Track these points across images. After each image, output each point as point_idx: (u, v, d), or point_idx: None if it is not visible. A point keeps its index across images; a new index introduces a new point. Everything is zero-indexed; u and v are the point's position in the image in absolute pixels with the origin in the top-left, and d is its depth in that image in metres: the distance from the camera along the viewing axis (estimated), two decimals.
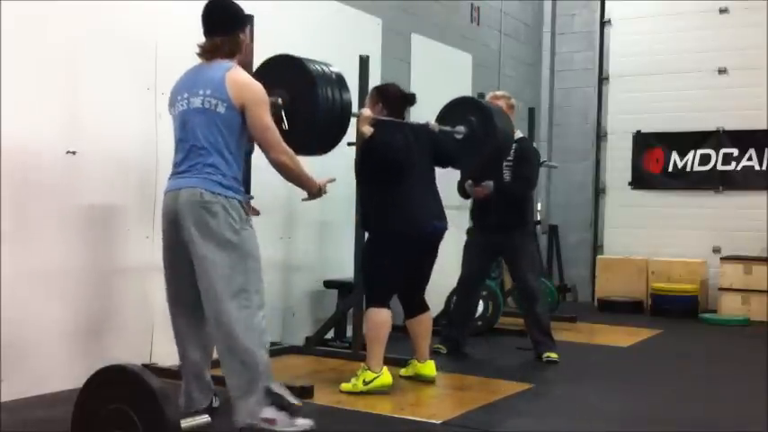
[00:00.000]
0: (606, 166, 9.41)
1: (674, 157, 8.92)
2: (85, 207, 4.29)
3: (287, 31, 5.39)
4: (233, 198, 3.30)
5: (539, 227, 8.20)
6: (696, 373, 5.40)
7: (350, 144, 4.59)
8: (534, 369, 5.24)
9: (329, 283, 5.83)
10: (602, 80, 9.42)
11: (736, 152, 8.61)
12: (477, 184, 5.35)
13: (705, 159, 8.76)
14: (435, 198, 4.57)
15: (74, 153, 4.19)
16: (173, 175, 3.40)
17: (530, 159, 5.52)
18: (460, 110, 4.93)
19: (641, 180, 9.12)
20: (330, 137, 3.98)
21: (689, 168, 8.85)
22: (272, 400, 3.20)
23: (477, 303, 6.08)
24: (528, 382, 4.75)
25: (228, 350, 3.26)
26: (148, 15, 4.55)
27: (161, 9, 4.57)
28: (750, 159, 8.54)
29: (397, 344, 4.56)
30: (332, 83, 3.89)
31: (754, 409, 4.29)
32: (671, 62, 8.87)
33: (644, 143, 9.09)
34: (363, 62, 5.24)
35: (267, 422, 3.19)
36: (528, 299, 5.54)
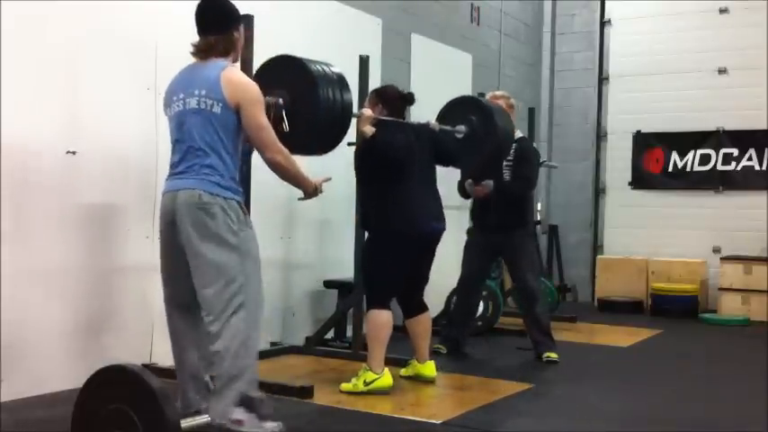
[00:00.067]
0: (606, 166, 9.41)
1: (674, 157, 8.92)
2: (85, 207, 4.29)
3: (287, 31, 5.39)
4: (231, 199, 3.29)
5: (539, 227, 8.20)
6: (696, 373, 5.40)
7: (350, 144, 4.59)
8: (534, 369, 5.24)
9: (329, 283, 5.83)
10: (602, 80, 9.42)
11: (736, 152, 8.61)
12: (478, 183, 5.35)
13: (705, 159, 8.76)
14: (435, 198, 4.57)
15: (74, 153, 4.19)
16: (170, 176, 3.39)
17: (530, 159, 5.52)
18: (461, 109, 4.93)
19: (641, 180, 9.12)
20: (331, 137, 3.98)
21: (689, 168, 8.85)
22: (241, 402, 3.18)
23: (478, 303, 6.08)
24: (528, 382, 4.75)
25: (218, 351, 3.23)
26: (148, 15, 4.55)
27: (161, 9, 4.57)
28: (750, 159, 8.54)
29: (397, 344, 4.56)
30: (333, 83, 3.89)
31: (754, 409, 4.29)
32: (671, 62, 8.87)
33: (644, 143, 9.09)
34: (363, 62, 5.24)
35: (235, 423, 3.18)
36: (527, 299, 5.54)
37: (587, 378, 5.07)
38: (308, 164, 3.69)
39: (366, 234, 4.65)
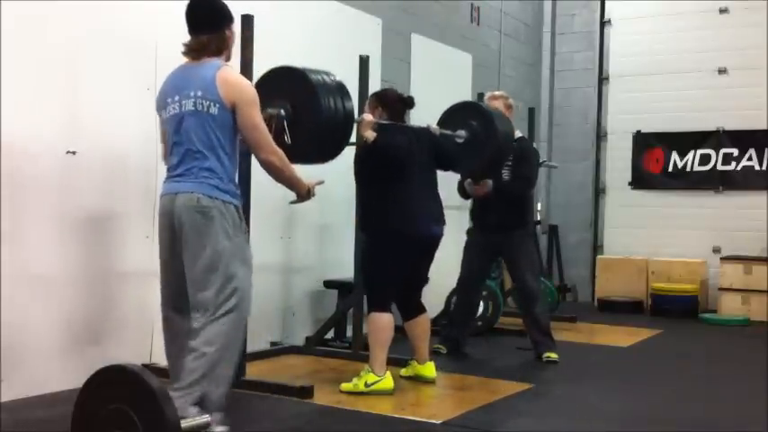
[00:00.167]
0: (606, 166, 9.41)
1: (674, 157, 8.92)
2: (85, 207, 4.28)
3: (287, 31, 5.39)
4: (229, 203, 3.28)
5: (539, 227, 8.20)
6: (696, 373, 5.40)
7: (350, 144, 4.59)
8: (534, 369, 5.24)
9: (329, 283, 5.83)
10: (602, 80, 9.42)
11: (736, 152, 8.61)
12: (477, 182, 5.35)
13: (705, 159, 8.76)
14: (436, 200, 4.57)
15: (74, 153, 4.19)
16: (168, 179, 3.37)
17: (529, 159, 5.52)
18: (461, 114, 4.93)
19: (641, 180, 9.12)
20: (333, 145, 3.99)
21: (689, 168, 8.84)
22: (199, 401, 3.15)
23: (478, 303, 6.08)
24: (528, 382, 4.75)
25: (196, 348, 3.20)
26: (148, 15, 4.55)
27: (161, 9, 4.57)
28: (750, 159, 8.54)
29: (397, 344, 4.56)
30: (333, 92, 3.89)
31: (754, 409, 4.29)
32: (671, 62, 8.86)
33: (644, 143, 9.09)
34: (363, 62, 5.24)
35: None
36: (527, 299, 5.53)
37: (587, 378, 5.07)
38: (307, 164, 3.69)
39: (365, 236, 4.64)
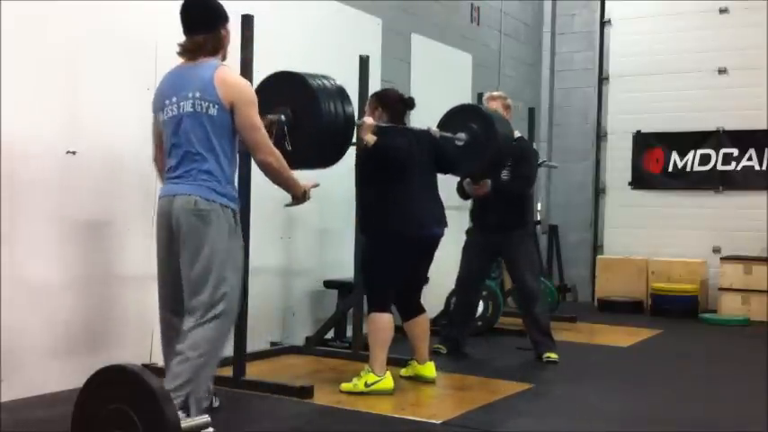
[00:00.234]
0: (606, 166, 9.41)
1: (674, 157, 8.92)
2: (85, 206, 4.28)
3: (287, 31, 5.39)
4: (227, 206, 3.28)
5: (539, 227, 8.20)
6: (696, 373, 5.40)
7: (350, 145, 4.59)
8: (534, 369, 5.24)
9: (329, 283, 5.83)
10: (602, 80, 9.42)
11: (736, 152, 8.61)
12: (476, 182, 5.34)
13: (705, 159, 8.76)
14: (436, 202, 4.57)
15: (74, 153, 4.19)
16: (167, 180, 3.37)
17: (528, 159, 5.53)
18: (461, 117, 4.94)
19: (641, 180, 9.12)
20: (334, 150, 3.98)
21: (689, 168, 8.84)
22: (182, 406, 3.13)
23: (478, 303, 6.07)
24: (528, 382, 4.75)
25: (182, 351, 3.20)
26: (148, 15, 4.54)
27: (161, 9, 4.56)
28: (750, 159, 8.54)
29: (397, 344, 4.56)
30: (334, 96, 3.89)
31: (754, 409, 4.29)
32: (671, 62, 8.86)
33: (644, 143, 9.09)
34: (363, 62, 5.24)
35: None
36: (526, 299, 5.53)
37: (587, 378, 5.07)
38: (309, 170, 3.67)
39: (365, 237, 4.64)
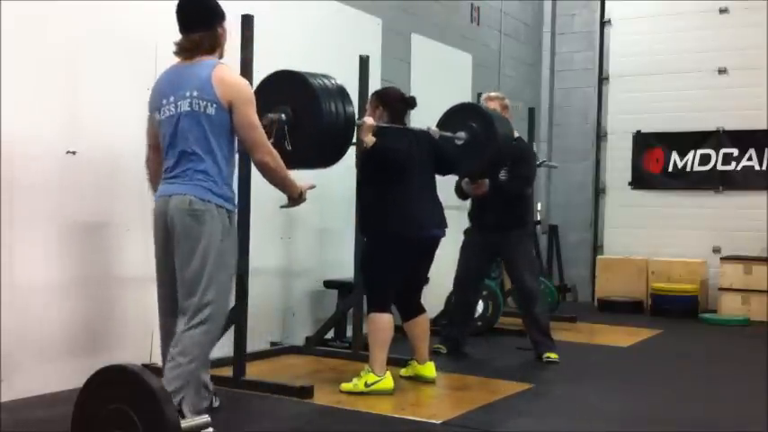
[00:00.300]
0: (606, 166, 9.41)
1: (674, 157, 8.92)
2: (85, 207, 4.28)
3: (287, 31, 5.39)
4: (222, 207, 3.26)
5: (539, 227, 8.19)
6: (696, 373, 5.40)
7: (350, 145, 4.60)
8: (534, 369, 5.24)
9: (329, 283, 5.83)
10: (602, 80, 9.42)
11: (736, 152, 8.61)
12: (474, 182, 5.34)
13: (705, 159, 8.76)
14: (436, 203, 4.57)
15: (74, 153, 4.19)
16: (164, 181, 3.35)
17: (527, 159, 5.53)
18: (461, 116, 4.93)
19: (641, 180, 9.12)
20: (335, 150, 3.98)
21: (689, 168, 8.84)
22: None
23: (476, 303, 6.05)
24: (528, 382, 4.75)
25: (173, 357, 3.20)
26: (148, 15, 4.54)
27: (161, 9, 4.55)
28: (750, 159, 8.54)
29: (397, 344, 4.56)
30: (334, 96, 3.88)
31: (754, 409, 4.29)
32: (671, 62, 8.86)
33: (644, 143, 9.09)
34: (363, 62, 5.24)
35: None
36: (526, 299, 5.53)
37: (587, 378, 5.07)
38: (308, 169, 3.66)
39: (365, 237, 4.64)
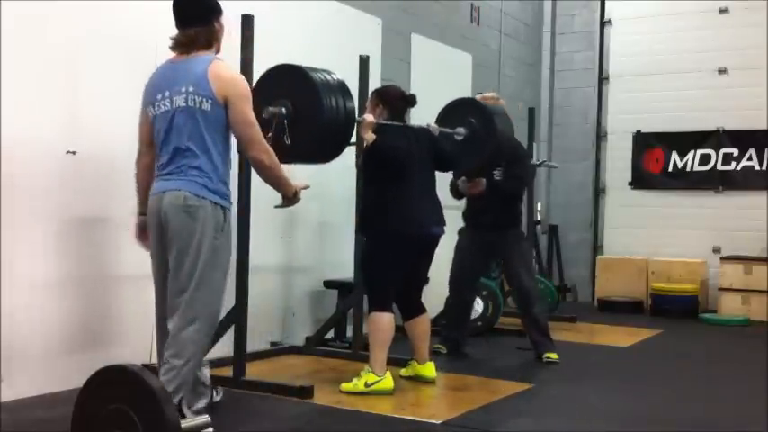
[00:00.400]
0: (606, 166, 9.41)
1: (674, 157, 8.92)
2: (85, 206, 4.28)
3: (287, 31, 5.39)
4: (217, 204, 3.24)
5: (539, 227, 8.19)
6: (696, 373, 5.40)
7: (349, 144, 4.59)
8: (534, 369, 5.24)
9: (329, 283, 5.83)
10: (602, 80, 9.43)
11: (736, 152, 8.61)
12: (470, 180, 5.33)
13: (705, 159, 8.76)
14: (435, 202, 4.57)
15: (74, 153, 4.19)
16: (158, 177, 3.33)
17: (522, 160, 5.55)
18: (460, 111, 4.93)
19: (641, 180, 9.12)
20: (334, 145, 3.98)
21: (689, 168, 8.85)
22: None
23: (473, 302, 6.00)
24: (528, 382, 4.75)
25: (167, 360, 3.21)
26: (148, 15, 4.54)
27: (161, 9, 4.54)
28: (750, 159, 8.55)
29: (397, 344, 4.56)
30: (335, 91, 3.88)
31: (754, 409, 4.29)
32: (671, 62, 8.87)
33: (644, 143, 9.09)
34: (363, 62, 5.24)
35: None
36: (524, 299, 5.52)
37: (587, 378, 5.07)
38: (308, 164, 3.66)
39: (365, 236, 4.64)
